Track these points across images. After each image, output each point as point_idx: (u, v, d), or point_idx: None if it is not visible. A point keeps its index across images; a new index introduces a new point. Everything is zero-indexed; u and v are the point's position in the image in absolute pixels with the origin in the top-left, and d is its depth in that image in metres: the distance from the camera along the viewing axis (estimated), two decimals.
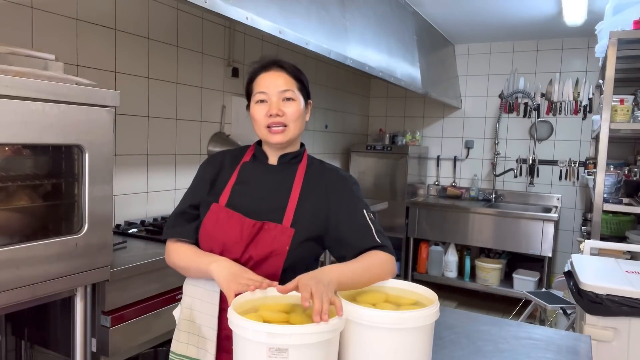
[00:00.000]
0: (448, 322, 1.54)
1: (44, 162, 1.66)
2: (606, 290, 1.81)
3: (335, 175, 1.34)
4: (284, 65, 1.29)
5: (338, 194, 1.30)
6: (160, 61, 2.73)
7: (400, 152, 4.69)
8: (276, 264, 1.21)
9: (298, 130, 1.30)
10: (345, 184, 1.32)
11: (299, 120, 1.28)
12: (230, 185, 1.31)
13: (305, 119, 1.33)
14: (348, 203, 1.29)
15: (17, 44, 1.67)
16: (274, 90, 1.26)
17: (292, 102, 1.27)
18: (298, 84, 1.29)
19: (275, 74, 1.28)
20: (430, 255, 4.70)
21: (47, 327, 1.95)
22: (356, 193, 1.33)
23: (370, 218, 1.28)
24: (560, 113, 4.61)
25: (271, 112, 1.25)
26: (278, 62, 1.30)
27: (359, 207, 1.29)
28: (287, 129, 1.27)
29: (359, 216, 1.28)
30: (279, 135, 1.26)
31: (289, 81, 1.27)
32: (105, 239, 1.71)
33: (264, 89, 1.26)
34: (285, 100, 1.26)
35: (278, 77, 1.27)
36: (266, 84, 1.27)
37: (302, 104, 1.30)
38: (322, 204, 1.28)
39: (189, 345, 1.27)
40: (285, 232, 1.22)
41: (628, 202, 2.76)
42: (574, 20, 3.72)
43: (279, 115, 1.25)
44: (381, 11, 3.18)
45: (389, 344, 0.99)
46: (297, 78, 1.30)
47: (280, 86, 1.26)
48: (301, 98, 1.30)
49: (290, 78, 1.28)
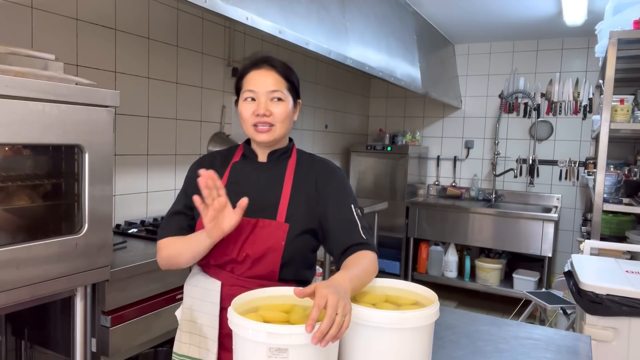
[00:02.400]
0: (448, 322, 1.54)
1: (44, 162, 1.66)
2: (606, 290, 1.81)
3: (324, 168, 1.34)
4: (274, 63, 1.29)
5: (327, 187, 1.30)
6: (160, 61, 2.73)
7: (400, 152, 4.69)
8: (274, 260, 1.22)
9: (285, 130, 1.30)
10: (334, 177, 1.32)
11: (286, 121, 1.28)
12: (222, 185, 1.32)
13: (293, 118, 1.32)
14: (337, 197, 1.29)
15: (17, 44, 1.67)
16: (263, 89, 1.25)
17: (280, 102, 1.26)
18: (288, 83, 1.29)
19: (266, 72, 1.27)
20: (430, 255, 4.70)
21: (47, 327, 1.95)
22: (346, 186, 1.33)
23: (358, 214, 1.28)
24: (560, 113, 4.61)
25: (259, 112, 1.25)
26: (269, 60, 1.29)
27: (348, 202, 1.29)
28: (273, 128, 1.27)
29: (347, 211, 1.28)
30: (264, 135, 1.27)
31: (278, 81, 1.27)
32: (105, 239, 1.71)
33: (253, 87, 1.26)
34: (274, 100, 1.26)
35: (268, 76, 1.26)
36: (256, 82, 1.26)
37: (291, 104, 1.30)
38: (313, 196, 1.29)
39: (190, 346, 1.28)
40: (280, 228, 1.23)
41: (628, 202, 2.76)
42: (574, 20, 3.72)
43: (267, 115, 1.25)
44: (381, 11, 3.18)
45: (389, 344, 0.99)
46: (287, 78, 1.29)
47: (269, 86, 1.26)
48: (290, 98, 1.29)
49: (280, 78, 1.27)
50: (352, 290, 1.05)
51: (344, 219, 1.26)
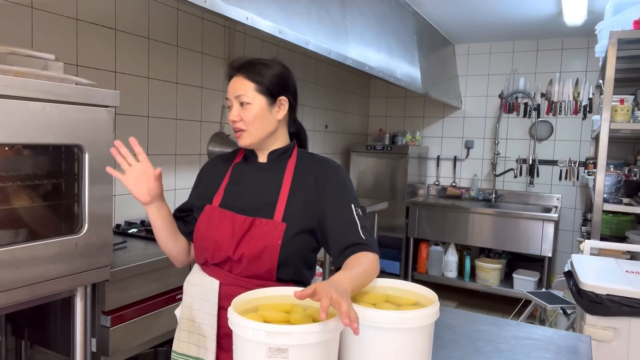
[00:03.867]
0: (448, 322, 1.54)
1: (44, 162, 1.66)
2: (606, 290, 1.81)
3: (325, 166, 1.33)
4: (242, 68, 1.29)
5: (327, 186, 1.29)
6: (160, 61, 2.73)
7: (400, 152, 4.69)
8: (271, 260, 1.21)
9: (260, 132, 1.29)
10: (334, 176, 1.31)
11: (256, 123, 1.27)
12: (223, 186, 1.34)
13: (274, 117, 1.30)
14: (337, 196, 1.28)
15: (17, 44, 1.67)
16: (232, 95, 1.29)
17: (247, 105, 1.27)
18: (256, 85, 1.27)
19: (235, 79, 1.29)
20: (430, 255, 4.70)
21: (47, 327, 1.95)
22: (346, 185, 1.32)
23: (358, 213, 1.27)
24: (560, 113, 4.61)
25: (230, 119, 1.29)
26: (236, 65, 1.30)
27: (348, 201, 1.28)
28: (245, 133, 1.28)
29: (347, 210, 1.26)
30: (241, 140, 1.30)
31: (245, 85, 1.27)
32: (105, 239, 1.72)
33: (228, 96, 1.30)
34: (243, 105, 1.27)
35: (236, 83, 1.28)
36: (229, 90, 1.30)
37: (263, 104, 1.27)
38: (312, 196, 1.28)
39: (189, 344, 1.28)
40: (277, 227, 1.22)
41: (628, 202, 2.76)
42: (574, 20, 3.72)
43: (236, 121, 1.28)
44: (381, 11, 3.18)
45: (389, 344, 0.99)
46: (254, 79, 1.27)
47: (236, 91, 1.28)
48: (260, 98, 1.27)
49: (247, 81, 1.27)
50: (352, 290, 1.04)
51: (343, 218, 1.25)
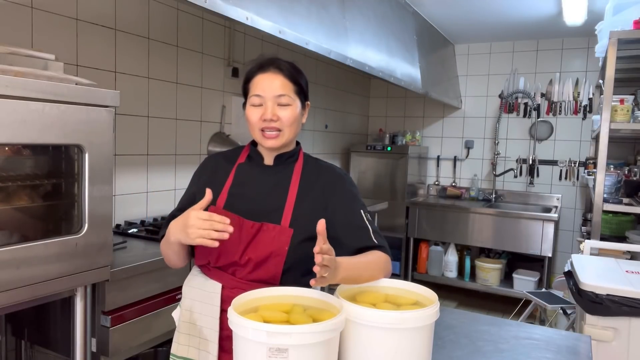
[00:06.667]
0: (448, 322, 1.54)
1: (44, 162, 1.66)
2: (606, 290, 1.81)
3: (332, 174, 1.33)
4: (281, 66, 1.25)
5: (335, 194, 1.29)
6: (160, 61, 2.73)
7: (400, 152, 4.69)
8: (276, 265, 1.21)
9: (293, 135, 1.28)
10: (342, 183, 1.31)
11: (294, 125, 1.26)
12: (227, 187, 1.30)
13: (301, 121, 1.30)
14: (345, 203, 1.28)
15: (17, 44, 1.67)
16: (269, 94, 1.23)
17: (287, 107, 1.23)
18: (295, 87, 1.26)
19: (272, 76, 1.24)
20: (430, 255, 4.70)
21: (47, 327, 1.95)
22: (353, 192, 1.32)
23: (368, 218, 1.27)
24: (560, 113, 4.61)
25: (265, 117, 1.22)
26: (276, 62, 1.26)
27: (357, 208, 1.28)
28: (281, 133, 1.24)
29: (357, 217, 1.27)
30: (272, 140, 1.25)
31: (285, 85, 1.24)
32: (105, 239, 1.71)
33: (260, 92, 1.23)
34: (281, 105, 1.23)
35: (274, 80, 1.23)
36: (262, 86, 1.23)
37: (299, 107, 1.27)
38: (319, 203, 1.27)
39: (189, 348, 1.27)
40: (284, 233, 1.21)
41: (628, 202, 2.76)
42: (574, 20, 3.72)
43: (274, 120, 1.22)
44: (381, 11, 3.18)
45: (389, 344, 0.99)
46: (294, 81, 1.26)
47: (276, 90, 1.23)
48: (298, 102, 1.26)
49: (288, 81, 1.24)
50: (347, 272, 1.09)
51: (355, 225, 1.25)
